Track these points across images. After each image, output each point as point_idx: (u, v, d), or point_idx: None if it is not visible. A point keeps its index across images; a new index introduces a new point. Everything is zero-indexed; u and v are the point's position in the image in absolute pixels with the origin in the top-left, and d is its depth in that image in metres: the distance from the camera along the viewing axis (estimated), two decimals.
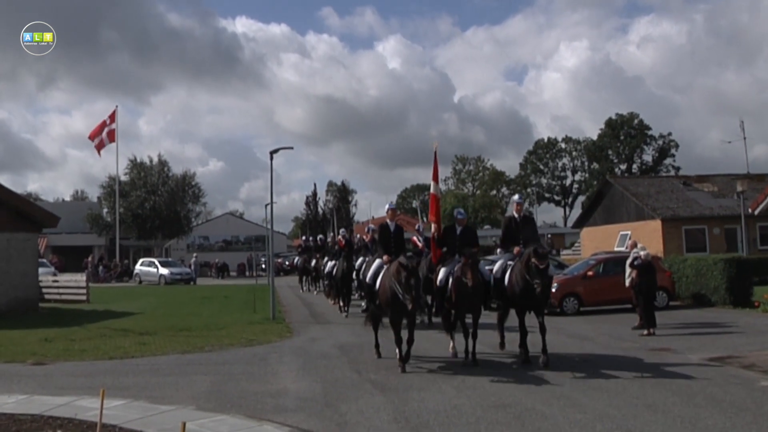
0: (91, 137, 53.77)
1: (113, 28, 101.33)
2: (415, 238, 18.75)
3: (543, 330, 11.28)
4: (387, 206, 13.03)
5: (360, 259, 17.95)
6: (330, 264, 23.24)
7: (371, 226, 20.25)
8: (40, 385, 10.13)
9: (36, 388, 9.84)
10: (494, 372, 10.17)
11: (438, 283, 12.11)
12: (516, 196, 13.36)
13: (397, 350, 11.24)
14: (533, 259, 10.92)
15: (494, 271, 12.17)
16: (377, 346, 12.40)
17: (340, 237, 22.43)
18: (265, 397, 9.15)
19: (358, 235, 24.57)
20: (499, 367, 11.16)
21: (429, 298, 14.46)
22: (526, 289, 11.15)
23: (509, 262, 11.93)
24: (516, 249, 11.91)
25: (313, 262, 29.49)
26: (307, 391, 9.62)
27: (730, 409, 8.02)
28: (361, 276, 15.49)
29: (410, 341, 11.08)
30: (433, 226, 13.23)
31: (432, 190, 13.85)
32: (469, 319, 11.71)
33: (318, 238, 31.57)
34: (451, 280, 11.66)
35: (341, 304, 20.72)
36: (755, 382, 9.60)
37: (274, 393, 9.46)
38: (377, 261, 12.10)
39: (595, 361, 11.59)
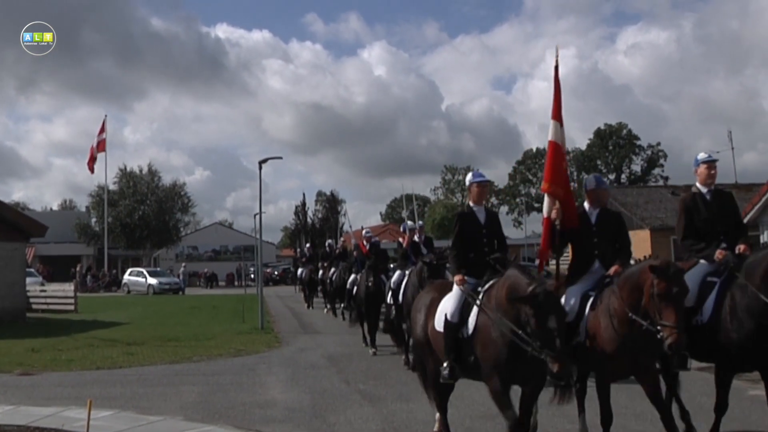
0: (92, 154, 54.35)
1: (95, 30, 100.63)
2: None
3: None
4: (470, 177, 7.38)
5: (397, 273, 13.12)
6: (350, 278, 17.76)
7: (408, 223, 14.95)
8: (26, 395, 10.05)
9: (22, 398, 9.77)
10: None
11: None
12: (702, 154, 7.27)
13: None
14: None
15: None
16: None
17: (362, 241, 16.95)
18: (254, 408, 9.12)
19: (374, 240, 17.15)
20: None
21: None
22: (764, 326, 6.17)
23: (711, 278, 6.72)
24: (719, 254, 6.72)
25: (320, 272, 25.97)
26: (295, 401, 9.59)
27: None
28: (401, 298, 12.15)
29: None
30: (546, 200, 7.44)
31: (551, 135, 7.67)
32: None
33: (326, 244, 28.01)
34: (590, 313, 6.46)
35: (366, 334, 14.93)
36: (743, 391, 9.61)
37: (262, 403, 9.43)
38: (456, 292, 6.71)
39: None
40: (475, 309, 6.43)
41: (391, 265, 15.23)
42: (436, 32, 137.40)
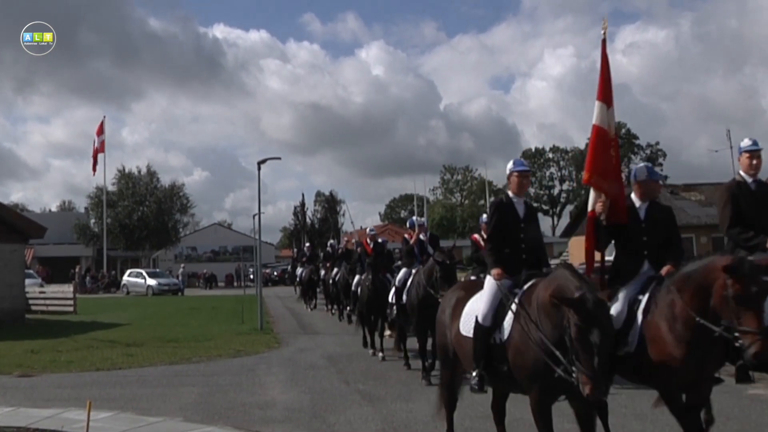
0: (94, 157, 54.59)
1: (93, 31, 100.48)
2: (476, 236, 12.28)
3: None
4: (510, 166, 6.58)
5: (402, 271, 12.64)
6: (355, 280, 16.90)
7: (414, 218, 14.35)
8: (26, 397, 10.05)
9: (22, 400, 9.76)
10: None
11: None
12: (746, 141, 6.61)
13: None
14: None
15: None
16: None
17: (365, 239, 15.76)
18: (253, 409, 9.12)
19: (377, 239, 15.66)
20: None
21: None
22: None
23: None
24: None
25: (322, 273, 25.20)
26: (295, 402, 9.59)
27: (718, 418, 8.00)
28: (404, 298, 11.89)
29: None
30: (591, 192, 6.74)
31: (595, 119, 6.75)
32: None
33: (329, 245, 27.94)
34: (644, 320, 5.62)
35: (368, 338, 14.50)
36: (742, 390, 9.58)
37: (261, 404, 9.43)
38: (491, 287, 6.01)
39: None
40: (509, 317, 5.68)
41: (394, 265, 14.71)
42: (434, 32, 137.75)
